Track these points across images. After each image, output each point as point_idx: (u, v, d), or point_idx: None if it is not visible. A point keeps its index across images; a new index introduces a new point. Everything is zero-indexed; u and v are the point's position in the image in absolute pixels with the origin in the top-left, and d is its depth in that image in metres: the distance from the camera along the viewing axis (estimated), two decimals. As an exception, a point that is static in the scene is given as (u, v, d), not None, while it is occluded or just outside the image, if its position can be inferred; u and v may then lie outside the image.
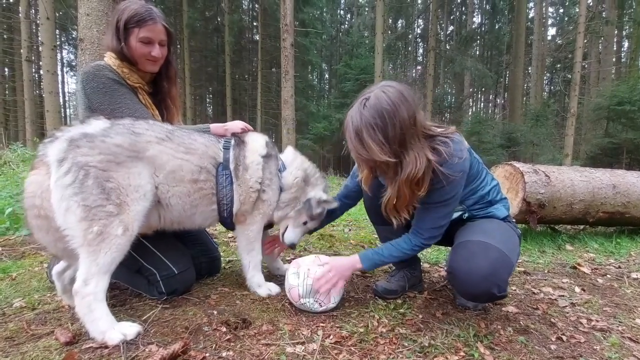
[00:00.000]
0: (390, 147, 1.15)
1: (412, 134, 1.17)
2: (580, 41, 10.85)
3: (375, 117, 1.13)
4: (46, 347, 1.09)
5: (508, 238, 1.35)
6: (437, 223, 1.35)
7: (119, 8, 1.48)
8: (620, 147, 10.54)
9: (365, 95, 1.18)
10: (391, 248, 1.41)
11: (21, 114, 15.38)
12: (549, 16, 23.62)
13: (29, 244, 2.31)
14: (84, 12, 3.13)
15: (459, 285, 1.30)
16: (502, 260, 1.23)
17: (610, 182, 3.03)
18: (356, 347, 1.17)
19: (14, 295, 1.52)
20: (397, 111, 1.13)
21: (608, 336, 1.36)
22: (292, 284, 1.41)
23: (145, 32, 1.46)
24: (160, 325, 1.26)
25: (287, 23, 8.30)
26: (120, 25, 1.44)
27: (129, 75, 1.51)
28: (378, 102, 1.14)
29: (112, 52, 1.50)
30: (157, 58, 1.53)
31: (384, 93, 1.15)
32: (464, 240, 1.31)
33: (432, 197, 1.29)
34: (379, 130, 1.13)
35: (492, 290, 1.21)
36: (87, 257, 1.09)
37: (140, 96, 1.53)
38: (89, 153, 1.10)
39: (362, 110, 1.16)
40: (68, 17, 15.78)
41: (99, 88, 1.42)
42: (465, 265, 1.23)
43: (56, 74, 9.33)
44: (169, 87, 1.66)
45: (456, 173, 1.25)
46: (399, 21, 26.49)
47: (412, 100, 1.17)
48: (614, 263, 2.43)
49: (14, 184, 3.67)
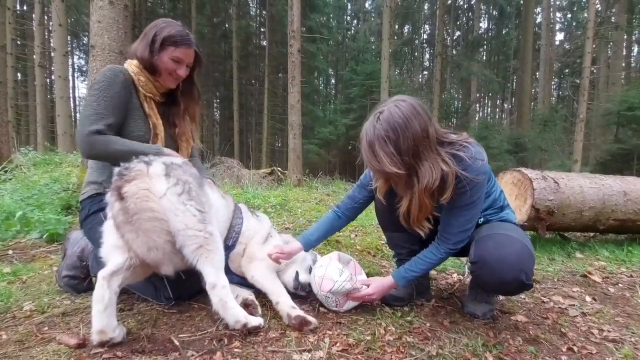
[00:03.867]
0: (401, 159, 1.20)
1: (425, 145, 1.22)
2: (589, 46, 10.76)
3: (388, 130, 1.19)
4: (55, 351, 1.11)
5: (524, 235, 1.41)
6: (464, 227, 1.36)
7: (157, 24, 1.59)
8: (630, 153, 10.37)
9: (380, 109, 1.25)
10: (420, 261, 1.43)
11: (32, 118, 15.67)
12: (556, 21, 23.48)
13: (39, 247, 2.34)
14: (96, 19, 3.20)
15: (489, 273, 1.32)
16: (527, 250, 1.31)
17: (621, 188, 2.98)
18: (363, 355, 1.16)
19: (24, 298, 1.54)
20: (409, 124, 1.19)
21: (620, 347, 1.33)
22: (331, 277, 1.43)
23: (179, 52, 1.58)
24: (167, 330, 1.26)
25: (294, 29, 8.37)
26: (157, 39, 1.55)
27: (144, 84, 1.58)
28: (391, 116, 1.20)
29: (136, 61, 1.59)
30: (181, 77, 1.63)
31: (397, 107, 1.21)
32: (487, 234, 1.37)
33: (458, 201, 1.32)
34: (391, 142, 1.19)
35: (521, 277, 1.26)
36: (207, 257, 1.21)
37: (147, 104, 1.59)
38: (184, 174, 1.26)
39: (376, 124, 1.22)
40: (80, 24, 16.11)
41: (95, 83, 1.50)
42: (495, 253, 1.28)
43: (67, 79, 9.53)
44: (188, 104, 1.74)
45: (480, 175, 1.28)
46: (405, 27, 26.57)
47: (424, 113, 1.23)
48: (625, 272, 2.39)
49: (25, 187, 3.73)
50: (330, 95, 27.81)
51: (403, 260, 1.66)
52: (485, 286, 1.45)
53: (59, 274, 1.62)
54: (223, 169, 7.77)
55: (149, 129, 1.59)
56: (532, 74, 18.11)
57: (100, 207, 1.54)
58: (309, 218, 3.80)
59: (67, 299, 1.53)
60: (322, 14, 19.66)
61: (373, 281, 1.49)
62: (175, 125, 1.71)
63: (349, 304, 1.48)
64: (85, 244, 1.64)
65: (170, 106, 1.71)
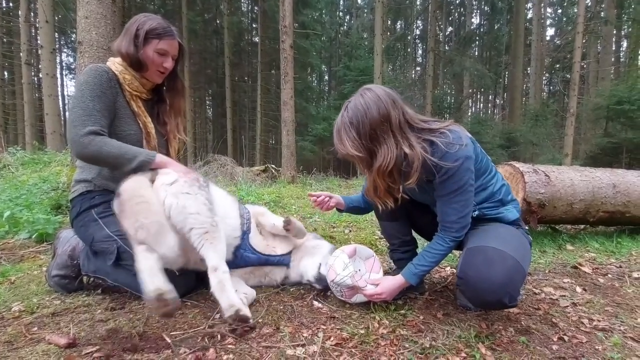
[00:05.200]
0: (361, 143, 1.29)
1: (384, 130, 1.28)
2: (579, 41, 10.86)
3: (352, 118, 1.30)
4: (45, 351, 1.09)
5: (521, 246, 1.35)
6: (462, 212, 1.34)
7: (138, 19, 1.56)
8: (619, 146, 10.53)
9: (348, 100, 1.35)
10: (428, 254, 1.40)
11: (20, 117, 15.39)
12: (547, 16, 23.63)
13: (28, 247, 2.30)
14: (83, 15, 3.14)
15: (472, 292, 1.28)
16: (517, 270, 1.23)
17: (610, 181, 3.02)
18: (357, 348, 1.16)
19: (13, 299, 1.51)
20: (367, 111, 1.28)
21: (610, 336, 1.35)
22: (335, 269, 1.47)
23: (164, 44, 1.56)
24: (159, 328, 1.25)
25: (286, 25, 8.31)
26: (140, 33, 1.52)
27: (130, 82, 1.55)
28: (354, 105, 1.31)
29: (120, 58, 1.56)
30: (168, 70, 1.62)
31: (361, 96, 1.32)
32: (478, 246, 1.30)
33: (446, 188, 1.32)
34: (353, 128, 1.29)
35: (504, 300, 1.21)
36: (212, 244, 1.30)
37: (134, 103, 1.57)
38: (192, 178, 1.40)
39: (344, 112, 1.34)
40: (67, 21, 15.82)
41: (82, 83, 1.47)
42: (481, 272, 1.22)
43: (55, 77, 9.33)
44: (173, 99, 1.72)
45: (459, 160, 1.27)
46: (398, 22, 26.56)
47: (388, 100, 1.29)
48: (615, 263, 2.43)
49: (14, 187, 3.67)
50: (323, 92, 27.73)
51: (396, 251, 1.67)
52: (468, 300, 1.44)
53: (48, 274, 1.59)
54: (216, 166, 7.72)
55: (140, 128, 1.57)
56: (524, 69, 18.24)
57: (91, 204, 1.52)
58: (304, 214, 3.80)
59: (57, 299, 1.51)
60: (314, 10, 19.56)
61: (383, 281, 1.46)
62: (164, 122, 1.70)
63: (357, 297, 1.47)
64: (76, 243, 1.62)
65: (157, 103, 1.70)
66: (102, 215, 1.50)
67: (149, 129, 1.59)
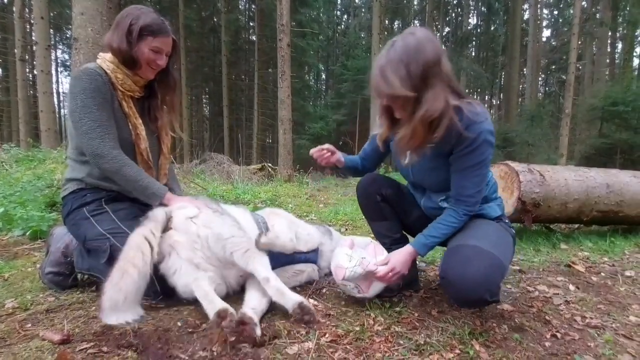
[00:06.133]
0: (411, 82, 1.18)
1: (434, 73, 1.20)
2: (574, 42, 10.95)
3: (401, 55, 1.19)
4: (38, 347, 1.08)
5: (501, 240, 1.35)
6: (479, 186, 1.34)
7: (131, 12, 1.49)
8: (614, 147, 10.64)
9: (393, 39, 1.24)
10: (440, 226, 1.38)
11: (15, 114, 15.24)
12: (544, 18, 23.78)
13: (22, 244, 2.29)
14: (78, 11, 3.12)
15: (452, 292, 1.29)
16: (496, 265, 1.22)
17: (604, 181, 3.05)
18: (352, 345, 1.17)
19: (6, 295, 1.50)
20: (421, 49, 1.17)
21: (602, 333, 1.36)
22: (341, 265, 1.41)
23: (158, 42, 1.51)
24: (154, 325, 1.25)
25: (283, 23, 8.30)
26: (134, 29, 1.46)
27: (122, 81, 1.51)
28: (404, 42, 1.20)
29: (111, 53, 1.51)
30: (161, 67, 1.57)
31: (412, 34, 1.22)
32: (456, 245, 1.31)
33: (466, 160, 1.30)
34: (403, 65, 1.18)
35: (484, 297, 1.20)
36: (256, 258, 1.36)
37: (125, 103, 1.53)
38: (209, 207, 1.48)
39: (390, 50, 1.22)
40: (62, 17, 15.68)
41: (81, 91, 1.42)
42: (459, 272, 1.21)
43: (50, 73, 9.27)
44: (165, 94, 1.68)
45: (484, 133, 1.25)
46: (395, 22, 26.57)
47: (439, 43, 1.22)
48: (608, 261, 2.45)
49: (8, 184, 3.63)
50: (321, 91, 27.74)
51: (389, 250, 1.67)
52: (451, 299, 1.44)
53: (42, 271, 1.58)
54: (213, 165, 7.71)
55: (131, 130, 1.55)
56: (520, 70, 18.36)
57: (83, 202, 1.51)
58: (300, 213, 3.81)
59: (51, 296, 1.50)
60: (312, 9, 19.54)
61: (391, 256, 1.42)
62: (156, 118, 1.66)
63: (374, 288, 1.43)
64: (70, 240, 1.61)
65: (149, 99, 1.66)
66: (93, 213, 1.49)
67: (138, 131, 1.55)
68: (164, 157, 1.72)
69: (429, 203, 1.53)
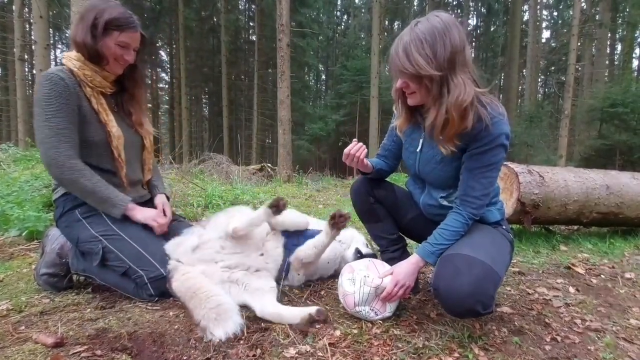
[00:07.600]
0: (437, 62, 1.12)
1: (460, 60, 1.14)
2: (574, 43, 10.97)
3: (425, 34, 1.13)
4: (31, 350, 1.07)
5: (497, 248, 1.30)
6: (487, 189, 1.29)
7: (96, 5, 1.44)
8: (613, 148, 10.65)
9: (416, 20, 1.19)
10: (447, 232, 1.31)
11: (13, 114, 15.21)
12: (543, 19, 23.79)
13: (18, 245, 2.27)
14: (77, 10, 3.10)
15: (443, 303, 1.24)
16: (488, 275, 1.16)
17: (603, 182, 3.04)
18: (350, 348, 1.16)
19: (1, 297, 1.48)
20: (447, 31, 1.12)
21: (602, 336, 1.35)
22: (348, 291, 1.35)
23: (125, 37, 1.46)
24: (149, 328, 1.23)
25: (283, 23, 8.29)
26: (99, 23, 1.41)
27: (91, 77, 1.46)
28: (429, 23, 1.14)
29: (76, 48, 1.46)
30: (129, 62, 1.52)
31: (437, 16, 1.16)
32: (449, 254, 1.25)
33: (479, 160, 1.25)
34: (428, 45, 1.12)
35: (476, 308, 1.14)
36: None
37: (94, 100, 1.47)
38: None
39: (414, 28, 1.16)
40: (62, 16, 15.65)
41: (40, 99, 1.38)
42: (448, 283, 1.16)
43: (49, 73, 9.21)
44: (133, 89, 1.63)
45: (502, 135, 1.21)
46: (395, 23, 26.60)
47: (463, 33, 1.16)
48: (607, 263, 2.44)
49: (5, 184, 3.61)
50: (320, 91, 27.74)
51: (386, 252, 1.65)
52: (445, 310, 1.35)
53: (37, 272, 1.56)
54: (212, 165, 7.68)
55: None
56: (519, 71, 18.36)
57: (75, 204, 1.49)
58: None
59: (45, 298, 1.48)
60: (311, 9, 19.56)
61: (393, 269, 1.34)
62: (130, 113, 1.62)
63: (390, 305, 1.37)
64: (65, 241, 1.59)
65: (121, 94, 1.61)
66: (85, 215, 1.47)
67: (109, 127, 1.49)
68: (147, 151, 1.69)
69: (429, 200, 1.48)
